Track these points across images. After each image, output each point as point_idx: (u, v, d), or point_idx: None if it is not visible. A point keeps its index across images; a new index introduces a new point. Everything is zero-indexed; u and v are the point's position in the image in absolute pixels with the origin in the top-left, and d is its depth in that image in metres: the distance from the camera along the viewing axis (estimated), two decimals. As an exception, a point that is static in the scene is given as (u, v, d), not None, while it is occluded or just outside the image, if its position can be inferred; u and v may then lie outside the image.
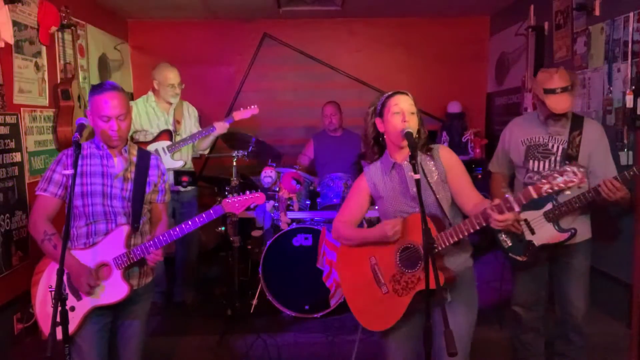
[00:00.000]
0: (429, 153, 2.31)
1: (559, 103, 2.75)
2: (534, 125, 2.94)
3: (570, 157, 2.80)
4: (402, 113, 2.23)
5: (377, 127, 2.32)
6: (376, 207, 2.46)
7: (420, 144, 2.30)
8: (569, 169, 1.88)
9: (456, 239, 2.15)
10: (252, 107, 4.14)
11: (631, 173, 2.59)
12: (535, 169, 2.89)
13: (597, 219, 3.00)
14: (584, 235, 2.89)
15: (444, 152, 2.32)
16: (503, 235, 2.90)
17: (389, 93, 2.31)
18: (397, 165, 2.32)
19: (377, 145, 2.38)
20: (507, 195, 1.99)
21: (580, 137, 2.81)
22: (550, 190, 1.91)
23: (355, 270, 2.37)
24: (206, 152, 4.37)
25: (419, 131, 2.29)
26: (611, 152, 3.37)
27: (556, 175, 1.89)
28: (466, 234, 2.12)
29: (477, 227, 2.08)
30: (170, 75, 3.90)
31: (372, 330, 2.39)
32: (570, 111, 2.85)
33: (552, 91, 2.76)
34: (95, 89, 2.32)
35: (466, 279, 2.29)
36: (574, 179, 1.87)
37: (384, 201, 2.35)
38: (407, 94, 2.29)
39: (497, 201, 2.00)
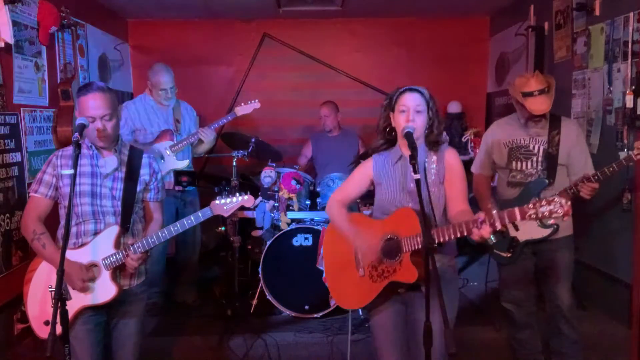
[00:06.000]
0: (435, 150, 2.35)
1: (537, 105, 2.89)
2: (514, 128, 3.07)
3: (550, 155, 2.94)
4: (408, 111, 2.29)
5: (390, 121, 2.39)
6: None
7: (430, 140, 2.35)
8: (557, 199, 1.94)
9: (436, 240, 2.18)
10: (254, 101, 4.14)
11: (610, 169, 2.71)
12: (519, 169, 3.02)
13: (580, 215, 3.07)
14: (565, 231, 3.00)
15: (450, 155, 2.36)
16: None
17: (402, 89, 2.36)
18: (404, 158, 2.36)
19: (388, 136, 2.44)
20: (493, 212, 2.04)
21: (559, 136, 2.95)
22: (533, 217, 1.97)
23: (339, 248, 2.45)
24: (202, 154, 4.38)
25: (431, 126, 2.34)
26: (611, 152, 3.40)
27: (544, 203, 1.95)
28: (447, 238, 2.16)
29: (458, 235, 2.14)
30: (163, 80, 3.87)
31: (343, 307, 2.54)
32: (548, 112, 2.96)
33: (530, 94, 2.91)
34: (81, 90, 2.33)
35: (446, 277, 2.31)
36: (559, 211, 1.93)
37: (383, 189, 2.41)
38: (417, 91, 2.34)
39: (481, 216, 2.04)
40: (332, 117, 4.81)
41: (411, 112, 2.29)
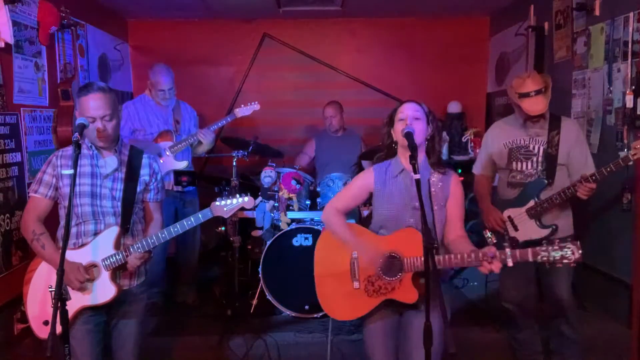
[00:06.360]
0: (441, 171, 2.38)
1: (533, 105, 2.91)
2: (514, 128, 3.07)
3: (550, 156, 2.94)
4: (406, 119, 2.33)
5: (392, 137, 2.44)
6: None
7: (432, 161, 2.39)
8: (570, 246, 1.99)
9: (442, 266, 2.20)
10: (254, 103, 4.17)
11: (608, 169, 2.70)
12: (519, 169, 3.03)
13: (580, 215, 3.10)
14: (565, 231, 3.00)
15: (454, 181, 2.40)
16: (488, 233, 3.07)
17: (401, 102, 2.44)
18: (405, 172, 2.37)
19: (391, 151, 2.47)
20: (506, 250, 2.09)
21: (559, 136, 2.95)
22: (545, 260, 2.05)
23: (334, 256, 2.44)
24: (202, 155, 4.38)
25: (432, 140, 2.39)
26: (611, 152, 3.40)
27: (556, 247, 2.00)
28: (453, 265, 2.17)
29: (465, 265, 2.17)
30: (162, 80, 3.89)
31: (332, 317, 2.52)
32: (548, 112, 2.98)
33: (526, 95, 2.92)
34: (82, 90, 2.33)
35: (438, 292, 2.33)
36: (571, 258, 2.00)
37: (384, 203, 2.40)
38: (415, 102, 2.40)
39: (492, 251, 2.08)
40: (339, 117, 4.81)
41: (409, 118, 2.33)
